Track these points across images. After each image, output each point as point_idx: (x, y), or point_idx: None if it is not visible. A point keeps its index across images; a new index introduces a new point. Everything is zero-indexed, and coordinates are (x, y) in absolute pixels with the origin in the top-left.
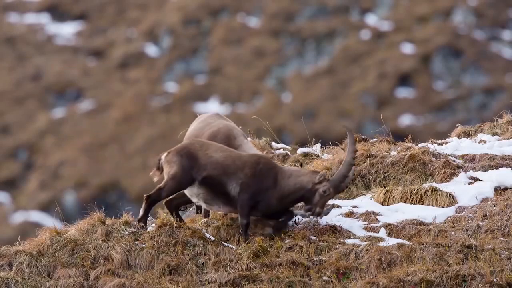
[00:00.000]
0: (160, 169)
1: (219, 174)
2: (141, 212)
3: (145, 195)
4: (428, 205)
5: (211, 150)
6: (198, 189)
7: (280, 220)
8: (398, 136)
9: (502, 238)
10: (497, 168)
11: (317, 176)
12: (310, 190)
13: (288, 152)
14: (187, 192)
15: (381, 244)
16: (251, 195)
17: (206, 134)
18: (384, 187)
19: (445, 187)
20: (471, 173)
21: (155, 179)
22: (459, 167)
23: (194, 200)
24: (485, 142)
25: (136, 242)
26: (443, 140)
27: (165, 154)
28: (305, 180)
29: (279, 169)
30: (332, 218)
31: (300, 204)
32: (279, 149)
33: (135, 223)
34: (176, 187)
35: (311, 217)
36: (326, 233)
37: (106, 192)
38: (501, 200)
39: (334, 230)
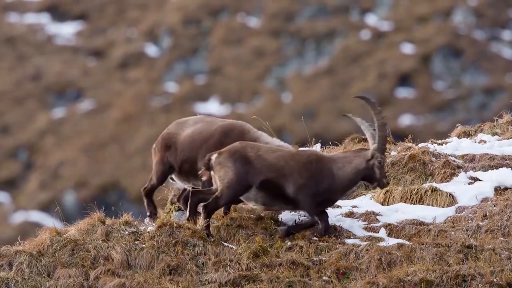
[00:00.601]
0: (209, 169)
1: (275, 176)
2: (202, 223)
3: (202, 205)
4: (428, 205)
5: (263, 152)
6: (256, 194)
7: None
8: (398, 136)
9: (502, 238)
10: (497, 168)
11: (369, 153)
12: (366, 168)
13: None
14: (242, 197)
15: (381, 244)
16: (312, 196)
17: (217, 131)
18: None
19: (445, 187)
20: (471, 173)
21: (204, 178)
22: (459, 167)
23: (251, 204)
24: (485, 142)
25: (136, 242)
26: (443, 140)
27: (215, 155)
28: (358, 162)
29: (332, 162)
30: (332, 218)
31: None
32: None
33: (135, 223)
34: (233, 195)
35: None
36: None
37: (106, 192)
38: (501, 200)
39: (334, 230)
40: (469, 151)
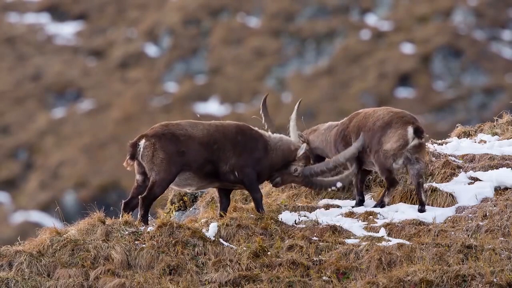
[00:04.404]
0: None
1: None
2: None
3: None
4: (428, 205)
5: None
6: None
7: None
8: None
9: (502, 238)
10: (497, 168)
11: None
12: None
13: None
14: None
15: (381, 244)
16: None
17: None
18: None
19: (445, 187)
20: (471, 173)
21: None
22: (459, 167)
23: None
24: (485, 142)
25: (136, 242)
26: (443, 140)
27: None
28: None
29: None
30: (332, 218)
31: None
32: None
33: (135, 223)
34: None
35: None
36: (326, 233)
37: (106, 192)
38: (501, 200)
39: (334, 230)
40: (469, 151)
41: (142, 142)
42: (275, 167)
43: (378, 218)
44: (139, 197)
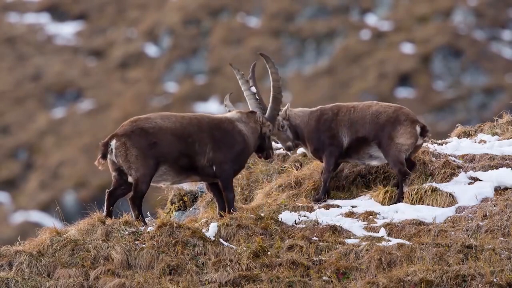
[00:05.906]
0: None
1: None
2: None
3: None
4: (428, 205)
5: None
6: None
7: None
8: None
9: (502, 238)
10: (497, 168)
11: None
12: None
13: (288, 152)
14: None
15: (381, 244)
16: None
17: None
18: (384, 187)
19: (445, 187)
20: (471, 173)
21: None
22: (459, 167)
23: None
24: (485, 142)
25: (136, 242)
26: (443, 140)
27: None
28: None
29: None
30: (332, 218)
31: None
32: (279, 149)
33: (135, 223)
34: None
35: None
36: (326, 233)
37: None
38: (501, 200)
39: (334, 230)
40: (469, 151)
41: (113, 143)
42: (253, 151)
43: (378, 218)
44: (128, 199)
